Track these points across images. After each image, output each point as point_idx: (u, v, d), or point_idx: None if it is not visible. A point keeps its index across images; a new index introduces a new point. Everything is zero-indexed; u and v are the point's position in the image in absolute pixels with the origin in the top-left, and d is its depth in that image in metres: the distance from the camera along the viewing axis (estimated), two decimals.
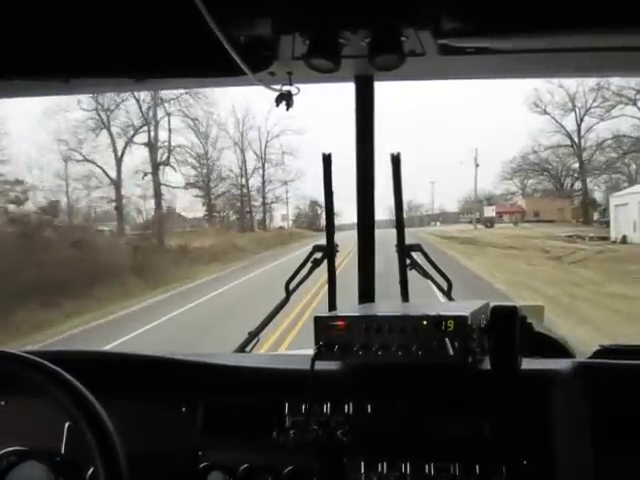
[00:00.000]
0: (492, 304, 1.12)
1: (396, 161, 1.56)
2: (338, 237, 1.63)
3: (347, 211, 1.87)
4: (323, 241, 1.62)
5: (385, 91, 1.59)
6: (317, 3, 1.07)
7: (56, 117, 19.71)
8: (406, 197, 1.57)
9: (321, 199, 1.64)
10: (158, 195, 22.50)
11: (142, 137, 22.73)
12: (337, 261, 1.63)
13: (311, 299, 7.89)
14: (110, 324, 10.54)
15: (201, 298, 12.36)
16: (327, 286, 1.62)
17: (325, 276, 1.62)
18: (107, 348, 6.21)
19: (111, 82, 1.35)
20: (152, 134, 22.87)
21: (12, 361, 0.98)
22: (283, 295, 1.65)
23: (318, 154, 1.54)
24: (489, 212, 29.61)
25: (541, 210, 28.67)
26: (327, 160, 1.56)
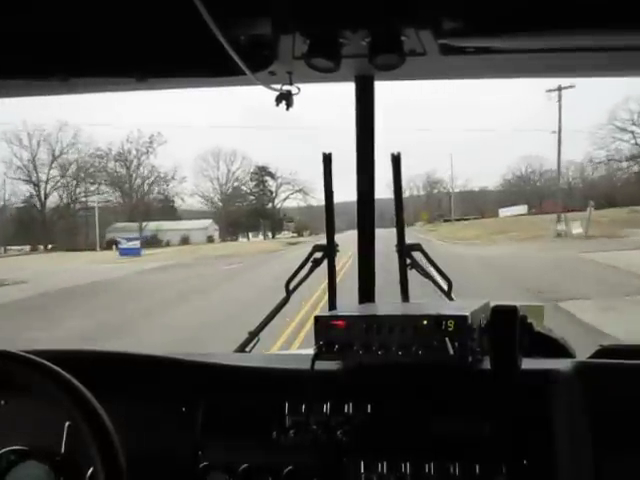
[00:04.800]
0: (492, 304, 1.12)
1: (396, 161, 1.56)
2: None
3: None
4: None
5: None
6: (317, 3, 1.07)
7: None
8: (424, 169, 1.47)
9: (270, 164, 1.57)
10: None
11: None
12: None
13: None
14: None
15: None
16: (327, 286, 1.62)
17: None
18: None
19: (111, 82, 1.35)
20: None
21: (12, 361, 0.97)
22: None
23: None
24: None
25: None
26: (327, 159, 1.56)
